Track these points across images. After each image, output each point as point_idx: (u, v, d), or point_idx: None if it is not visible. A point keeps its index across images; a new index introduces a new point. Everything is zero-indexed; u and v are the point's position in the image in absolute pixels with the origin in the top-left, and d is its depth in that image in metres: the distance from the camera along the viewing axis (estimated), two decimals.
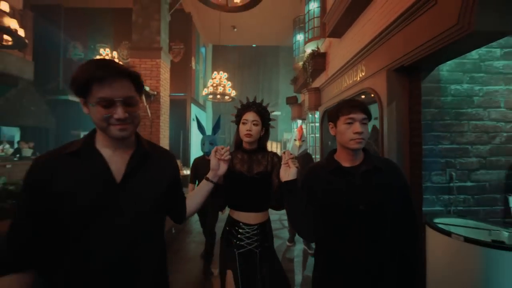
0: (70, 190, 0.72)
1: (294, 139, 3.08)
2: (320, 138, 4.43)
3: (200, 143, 2.54)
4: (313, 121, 4.90)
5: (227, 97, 6.82)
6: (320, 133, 4.42)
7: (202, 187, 1.08)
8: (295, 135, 3.10)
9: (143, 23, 4.44)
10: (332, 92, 3.81)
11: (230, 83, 6.88)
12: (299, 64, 5.77)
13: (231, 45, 10.55)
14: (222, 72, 6.89)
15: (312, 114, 4.85)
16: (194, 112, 8.07)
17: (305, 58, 4.95)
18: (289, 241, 3.33)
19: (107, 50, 6.16)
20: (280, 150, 8.94)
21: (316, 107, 4.62)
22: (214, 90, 6.56)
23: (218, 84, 6.57)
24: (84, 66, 0.72)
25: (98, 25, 7.69)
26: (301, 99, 6.25)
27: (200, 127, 2.37)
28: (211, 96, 6.83)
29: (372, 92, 2.24)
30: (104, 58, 0.74)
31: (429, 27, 1.57)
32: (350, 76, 2.94)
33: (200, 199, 1.06)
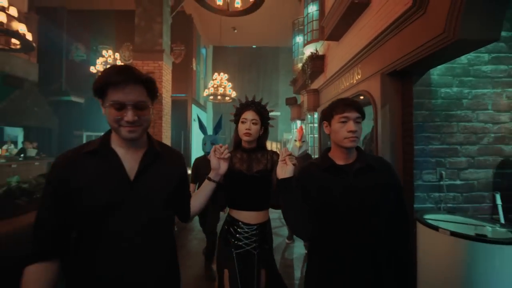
0: (88, 186, 0.77)
1: (295, 139, 3.04)
2: (318, 138, 4.52)
3: (201, 143, 2.59)
4: (312, 121, 4.99)
5: (227, 98, 6.92)
6: (319, 133, 4.51)
7: (204, 187, 1.09)
8: (295, 136, 3.06)
9: (145, 26, 4.54)
10: (331, 94, 3.90)
11: (230, 84, 6.97)
12: (298, 66, 5.85)
13: (231, 46, 10.64)
14: (223, 73, 6.99)
15: (311, 115, 4.94)
16: (195, 112, 8.14)
17: (304, 60, 5.04)
18: (288, 238, 3.42)
19: (110, 51, 6.25)
20: (280, 150, 8.95)
21: (315, 108, 4.71)
22: (215, 91, 6.65)
23: (219, 85, 6.66)
24: (105, 70, 0.78)
25: (100, 26, 7.78)
26: (300, 100, 6.32)
27: (202, 126, 2.43)
28: (211, 97, 6.93)
29: (367, 95, 2.34)
30: (126, 64, 0.81)
31: (419, 34, 1.67)
32: (347, 79, 3.04)
33: (203, 199, 1.07)
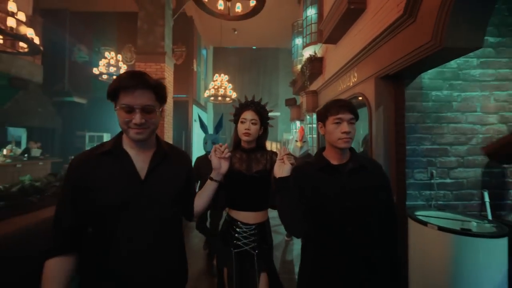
0: (102, 185, 0.82)
1: (296, 140, 3.04)
2: (317, 139, 4.62)
3: (202, 142, 2.65)
4: (311, 122, 5.09)
5: (228, 98, 7.01)
6: (317, 134, 4.61)
7: (207, 186, 1.10)
8: (296, 136, 3.05)
9: (148, 29, 4.63)
10: (329, 95, 4.00)
11: (231, 85, 7.07)
12: (297, 67, 5.93)
13: (231, 47, 10.71)
14: (223, 74, 7.08)
15: (310, 116, 5.03)
16: (196, 113, 8.22)
17: (303, 62, 5.13)
18: (287, 236, 3.50)
19: (112, 53, 6.34)
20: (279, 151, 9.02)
21: (314, 109, 4.80)
22: (215, 92, 6.75)
23: (220, 86, 6.75)
24: (119, 76, 0.84)
25: (102, 28, 7.86)
26: (299, 101, 6.41)
27: (203, 126, 2.51)
28: (212, 98, 7.02)
29: (362, 97, 2.43)
30: (138, 70, 0.86)
31: (409, 41, 1.77)
32: (344, 81, 3.14)
33: (206, 198, 1.08)
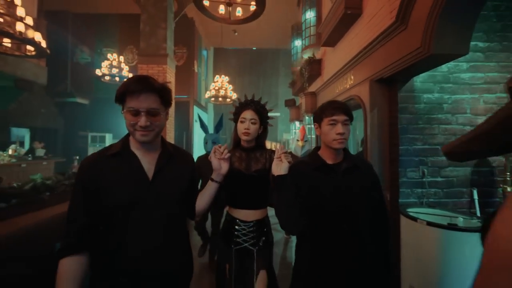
0: (112, 186, 0.85)
1: (297, 139, 3.07)
2: (316, 139, 4.72)
3: (202, 143, 2.71)
4: (309, 123, 5.18)
5: (228, 99, 7.11)
6: (316, 134, 4.70)
7: (208, 187, 1.11)
8: (298, 136, 3.10)
9: (150, 31, 4.73)
10: (327, 97, 4.09)
11: (231, 86, 7.17)
12: (297, 69, 6.03)
13: (232, 48, 10.82)
14: (224, 75, 7.18)
15: (309, 116, 5.13)
16: (196, 113, 8.30)
17: (302, 63, 5.23)
18: (286, 233, 3.61)
19: (114, 54, 6.44)
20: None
21: (313, 110, 4.89)
22: (216, 93, 6.85)
23: (220, 87, 6.85)
24: (126, 80, 0.87)
25: (104, 30, 7.97)
26: (299, 102, 6.50)
27: (203, 125, 2.58)
28: (213, 99, 7.12)
29: (358, 99, 2.53)
30: (145, 75, 0.90)
31: (401, 47, 1.86)
32: (341, 83, 3.23)
33: (207, 199, 1.10)
